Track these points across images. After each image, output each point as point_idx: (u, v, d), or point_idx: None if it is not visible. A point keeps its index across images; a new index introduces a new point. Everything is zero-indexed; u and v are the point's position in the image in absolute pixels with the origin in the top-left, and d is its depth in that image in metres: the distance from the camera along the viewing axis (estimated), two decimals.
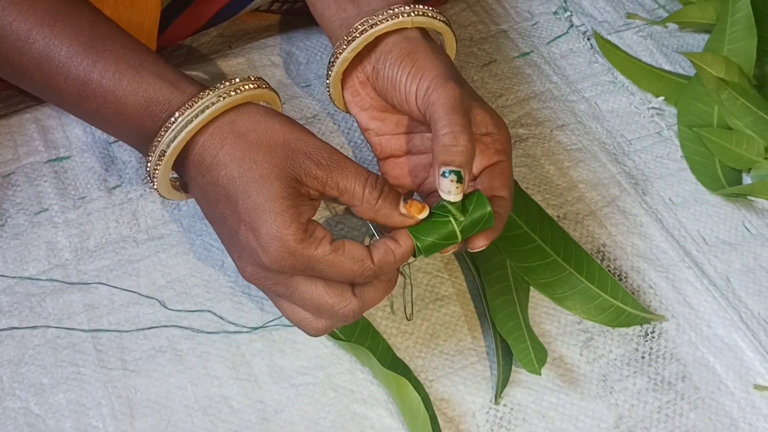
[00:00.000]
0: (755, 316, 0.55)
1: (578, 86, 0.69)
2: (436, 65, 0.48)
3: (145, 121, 0.46)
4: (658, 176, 0.63)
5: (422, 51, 0.49)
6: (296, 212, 0.42)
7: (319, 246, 0.42)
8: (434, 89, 0.47)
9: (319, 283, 0.44)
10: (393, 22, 0.49)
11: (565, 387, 0.51)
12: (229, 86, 0.45)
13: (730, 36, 0.67)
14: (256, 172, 0.43)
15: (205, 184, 0.45)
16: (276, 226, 0.42)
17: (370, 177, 0.45)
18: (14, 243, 0.56)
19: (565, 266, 0.55)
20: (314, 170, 0.43)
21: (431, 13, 0.51)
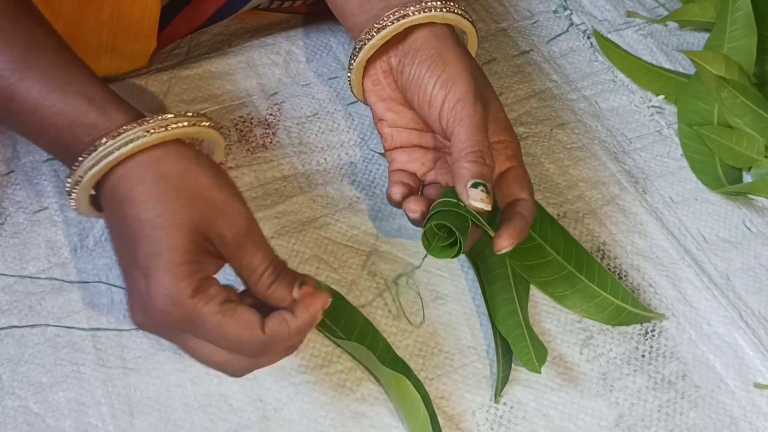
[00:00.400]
0: (755, 314, 0.55)
1: (578, 85, 0.69)
2: (467, 78, 0.49)
3: (69, 141, 0.44)
4: (658, 175, 0.63)
5: (452, 55, 0.50)
6: (194, 267, 0.41)
7: (208, 304, 0.41)
8: (464, 106, 0.48)
9: (206, 344, 0.43)
10: (424, 15, 0.50)
11: (565, 385, 0.51)
12: (160, 121, 0.43)
13: (731, 34, 0.67)
14: (167, 219, 0.41)
15: (114, 217, 0.43)
16: (169, 278, 0.40)
17: (274, 261, 0.44)
18: (14, 241, 0.56)
19: (565, 265, 0.55)
20: (227, 237, 0.42)
21: (459, 10, 0.51)
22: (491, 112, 0.51)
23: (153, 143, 0.43)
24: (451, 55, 0.50)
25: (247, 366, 0.44)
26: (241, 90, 0.66)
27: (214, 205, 0.42)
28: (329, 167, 0.62)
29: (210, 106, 0.64)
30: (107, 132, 0.42)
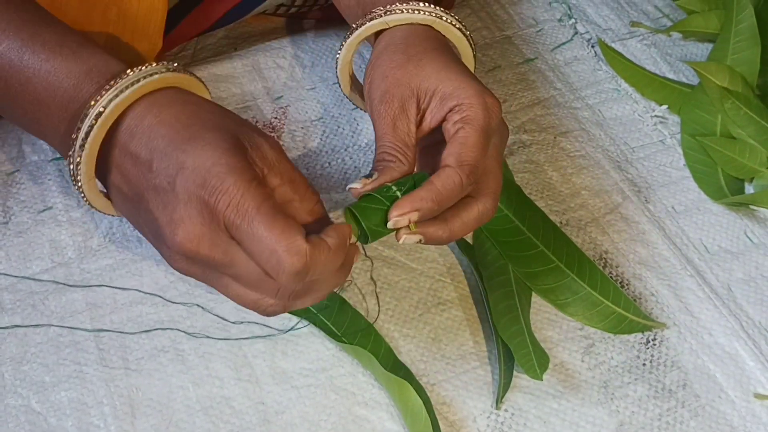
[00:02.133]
0: (756, 325, 0.55)
1: (582, 93, 0.69)
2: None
3: (82, 88, 0.43)
4: (660, 184, 0.63)
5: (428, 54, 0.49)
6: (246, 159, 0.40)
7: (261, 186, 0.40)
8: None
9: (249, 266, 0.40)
10: (405, 15, 0.50)
11: (566, 393, 0.51)
12: (179, 66, 0.44)
13: (734, 46, 0.68)
14: (205, 125, 0.41)
15: (138, 151, 0.42)
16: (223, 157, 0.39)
17: None
18: (18, 241, 0.56)
19: (567, 272, 0.55)
20: (266, 149, 0.42)
21: (447, 17, 0.51)
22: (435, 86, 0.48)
23: (176, 79, 0.44)
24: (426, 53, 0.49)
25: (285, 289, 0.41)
26: (246, 93, 0.66)
27: (244, 122, 0.43)
28: (333, 171, 0.62)
29: None
30: (125, 69, 0.43)
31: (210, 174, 0.39)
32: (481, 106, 0.46)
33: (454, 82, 0.47)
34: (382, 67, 0.49)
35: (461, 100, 0.47)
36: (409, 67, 0.48)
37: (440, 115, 0.48)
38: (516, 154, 0.64)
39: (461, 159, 0.45)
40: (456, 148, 0.45)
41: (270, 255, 0.39)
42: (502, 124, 0.49)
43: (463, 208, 0.46)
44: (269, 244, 0.39)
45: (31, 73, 0.44)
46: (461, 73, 0.48)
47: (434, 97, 0.48)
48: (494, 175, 0.47)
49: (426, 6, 0.51)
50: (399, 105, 0.48)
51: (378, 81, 0.49)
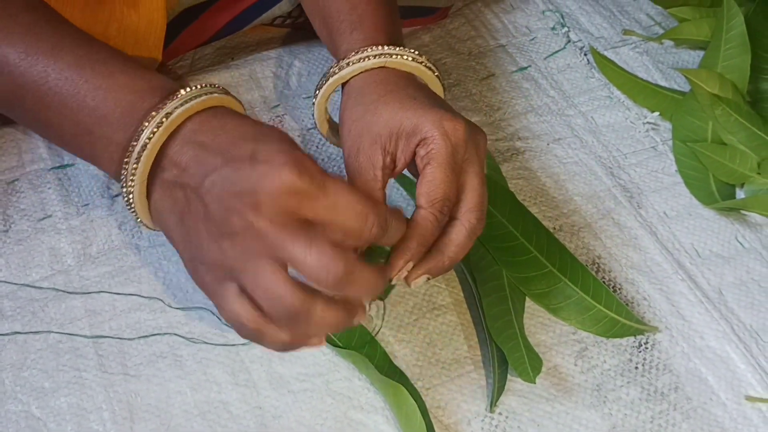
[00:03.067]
0: (747, 328, 0.56)
1: (575, 101, 0.70)
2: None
3: (144, 101, 0.45)
4: (652, 190, 0.64)
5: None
6: None
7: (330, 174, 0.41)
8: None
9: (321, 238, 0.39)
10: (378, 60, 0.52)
11: (559, 396, 0.52)
12: (227, 91, 0.47)
13: (725, 53, 0.69)
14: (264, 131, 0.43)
15: (204, 140, 0.43)
16: (295, 149, 0.40)
17: None
18: (18, 249, 0.57)
19: (560, 277, 0.56)
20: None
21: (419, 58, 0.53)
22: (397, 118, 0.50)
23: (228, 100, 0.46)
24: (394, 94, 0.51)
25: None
26: (243, 102, 0.66)
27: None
28: None
29: None
30: (172, 92, 0.44)
31: (287, 159, 0.39)
32: (442, 137, 0.47)
33: (411, 118, 0.48)
34: (347, 123, 0.51)
35: (423, 135, 0.48)
36: (367, 117, 0.50)
37: (410, 153, 0.49)
38: (509, 161, 0.65)
39: (431, 198, 0.47)
40: (425, 187, 0.47)
41: (357, 213, 0.40)
42: (473, 136, 0.49)
43: (453, 233, 0.48)
44: (357, 204, 0.40)
45: (92, 87, 0.45)
46: (419, 106, 0.49)
47: (400, 138, 0.49)
48: (472, 188, 0.48)
49: (375, 49, 0.52)
50: (366, 159, 0.49)
51: (346, 137, 0.51)
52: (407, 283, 0.48)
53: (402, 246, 0.47)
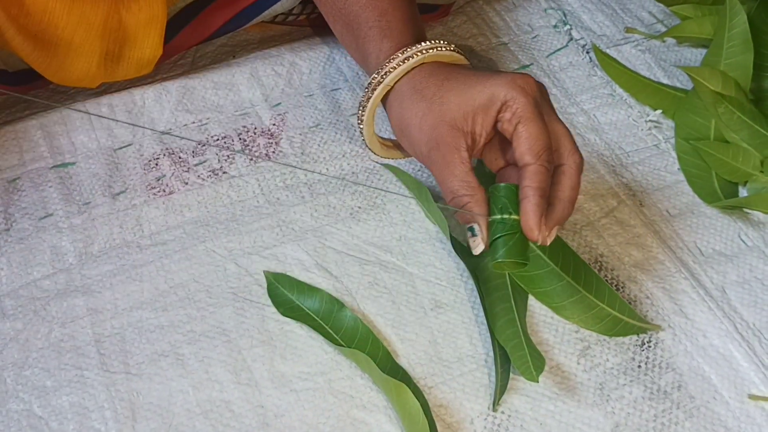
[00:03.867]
0: (750, 326, 0.56)
1: (577, 99, 0.70)
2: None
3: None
4: (655, 188, 0.64)
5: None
6: None
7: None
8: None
9: None
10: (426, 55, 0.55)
11: (562, 395, 0.52)
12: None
13: (727, 51, 0.68)
14: None
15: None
16: None
17: None
18: (19, 247, 0.57)
19: (563, 276, 0.56)
20: None
21: (451, 47, 0.56)
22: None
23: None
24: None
25: None
26: (244, 100, 0.67)
27: None
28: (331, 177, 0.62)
29: (214, 115, 0.65)
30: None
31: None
32: (522, 94, 0.49)
33: (483, 91, 0.50)
34: (413, 121, 0.52)
35: (502, 100, 0.49)
36: (434, 108, 0.51)
37: (490, 124, 0.50)
38: None
39: (534, 151, 0.48)
40: (525, 144, 0.49)
41: None
42: (540, 86, 0.52)
43: (566, 178, 0.50)
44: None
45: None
46: (484, 79, 0.51)
47: (477, 114, 0.50)
48: (562, 133, 0.51)
49: (410, 50, 0.54)
50: (448, 146, 0.50)
51: (417, 135, 0.52)
52: (544, 243, 0.49)
53: (527, 205, 0.48)
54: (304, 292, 0.55)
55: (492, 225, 0.49)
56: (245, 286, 0.55)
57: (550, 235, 0.49)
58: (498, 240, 0.49)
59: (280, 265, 0.57)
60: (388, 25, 0.56)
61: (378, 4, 0.56)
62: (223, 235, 0.58)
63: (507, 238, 0.49)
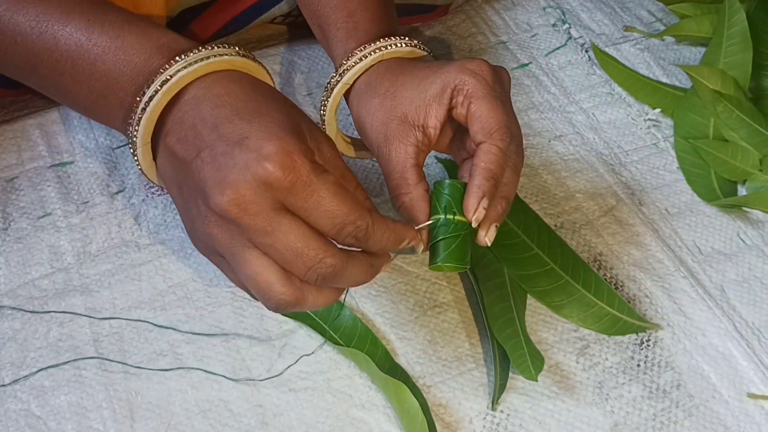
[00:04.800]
0: (749, 325, 0.56)
1: (576, 97, 0.70)
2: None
3: (152, 62, 0.44)
4: (654, 187, 0.64)
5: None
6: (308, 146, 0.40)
7: (325, 172, 0.40)
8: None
9: (305, 225, 0.40)
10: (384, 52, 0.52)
11: (561, 394, 0.52)
12: (249, 53, 0.45)
13: (726, 49, 0.68)
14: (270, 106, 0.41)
15: (203, 113, 0.42)
16: (290, 138, 0.39)
17: None
18: (17, 246, 0.56)
19: (562, 275, 0.56)
20: (324, 143, 0.42)
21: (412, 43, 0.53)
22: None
23: (242, 63, 0.44)
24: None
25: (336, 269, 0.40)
26: None
27: (305, 115, 0.43)
28: None
29: None
30: (196, 47, 0.43)
31: (277, 150, 0.39)
32: (470, 75, 0.47)
33: (435, 81, 0.48)
34: (366, 118, 0.51)
35: (452, 85, 0.48)
36: (386, 103, 0.50)
37: (443, 113, 0.48)
38: None
39: (486, 129, 0.46)
40: (476, 123, 0.47)
41: (334, 224, 0.40)
42: (497, 72, 0.50)
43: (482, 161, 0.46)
44: (336, 215, 0.39)
45: (101, 50, 0.44)
46: (434, 69, 0.49)
47: (429, 107, 0.49)
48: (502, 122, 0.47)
49: (369, 47, 0.52)
50: (394, 141, 0.49)
51: (369, 131, 0.51)
52: (484, 239, 0.46)
53: (470, 185, 0.45)
54: None
55: (433, 226, 0.45)
56: None
57: (487, 236, 0.46)
58: (439, 242, 0.45)
59: None
60: (355, 26, 0.54)
61: (347, 5, 0.55)
62: None
63: (449, 241, 0.45)
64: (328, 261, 0.40)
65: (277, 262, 0.40)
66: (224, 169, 0.39)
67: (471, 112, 0.47)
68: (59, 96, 0.49)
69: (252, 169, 0.38)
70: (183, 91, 0.43)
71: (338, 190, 0.40)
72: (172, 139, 0.43)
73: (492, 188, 0.45)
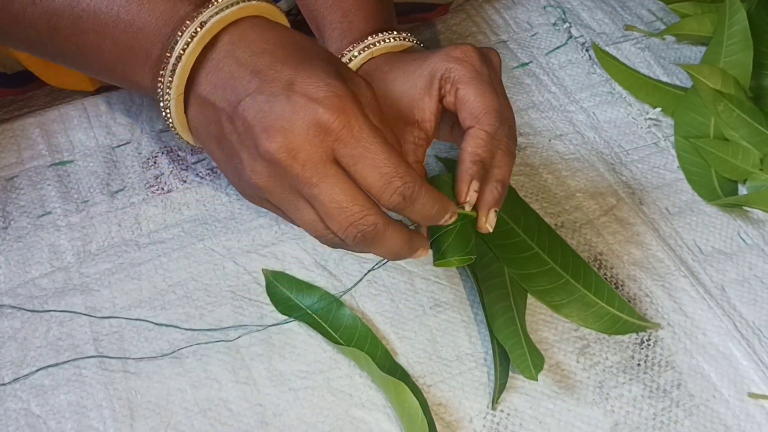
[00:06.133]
0: (750, 325, 0.56)
1: (576, 96, 0.70)
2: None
3: (179, 9, 0.42)
4: (654, 186, 0.63)
5: None
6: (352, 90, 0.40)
7: (373, 122, 0.39)
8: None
9: (350, 181, 0.39)
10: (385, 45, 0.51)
11: (561, 393, 0.52)
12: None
13: (727, 48, 0.68)
14: (311, 52, 0.41)
15: (243, 57, 0.40)
16: (336, 81, 0.39)
17: None
18: (17, 246, 0.56)
19: (562, 274, 0.56)
20: (363, 86, 0.41)
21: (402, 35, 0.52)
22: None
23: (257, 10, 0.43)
24: None
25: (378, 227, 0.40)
26: None
27: (337, 58, 0.43)
28: None
29: None
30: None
31: (327, 93, 0.38)
32: (455, 62, 0.47)
33: (422, 74, 0.48)
34: None
35: (439, 75, 0.47)
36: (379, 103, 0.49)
37: (435, 104, 0.48)
38: None
39: (474, 113, 0.46)
40: (464, 108, 0.46)
41: (382, 174, 0.39)
42: (485, 54, 0.49)
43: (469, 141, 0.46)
44: (385, 165, 0.39)
45: (124, 1, 0.42)
46: (420, 61, 0.49)
47: (420, 101, 0.48)
48: (492, 106, 0.47)
49: (358, 45, 0.51)
50: (390, 139, 0.48)
51: None
52: (485, 226, 0.46)
53: (458, 171, 0.45)
54: (303, 291, 0.55)
55: None
56: (244, 285, 0.55)
57: (488, 222, 0.46)
58: (439, 237, 0.46)
59: (279, 263, 0.57)
60: (349, 26, 0.54)
61: (342, 5, 0.54)
62: (222, 233, 0.58)
63: (448, 233, 0.45)
64: (370, 219, 0.39)
65: (319, 213, 0.40)
66: (271, 115, 0.38)
67: (458, 98, 0.47)
68: (81, 57, 0.46)
69: (302, 113, 0.38)
70: (215, 39, 0.41)
71: (387, 145, 0.39)
72: (208, 88, 0.41)
73: (480, 171, 0.45)
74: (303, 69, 0.39)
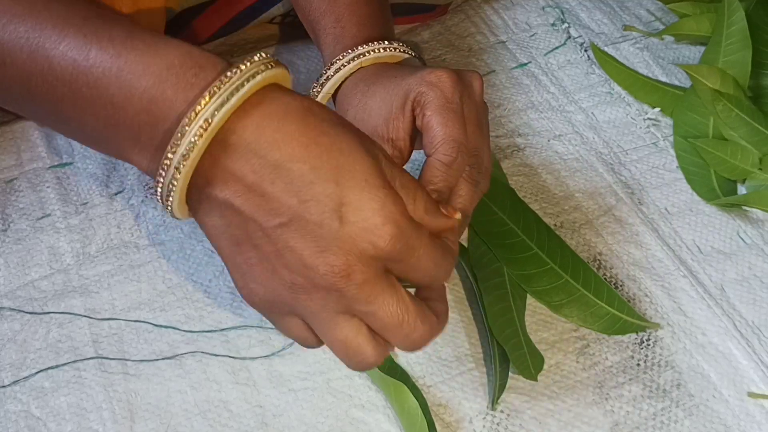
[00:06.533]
0: (749, 324, 0.56)
1: (575, 97, 0.70)
2: None
3: (165, 87, 0.36)
4: (654, 186, 0.64)
5: None
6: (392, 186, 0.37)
7: (420, 226, 0.38)
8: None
9: (402, 290, 0.38)
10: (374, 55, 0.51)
11: (561, 393, 0.52)
12: (273, 59, 0.38)
13: (726, 48, 0.68)
14: (341, 148, 0.36)
15: (263, 167, 0.36)
16: (387, 197, 0.36)
17: None
18: (17, 248, 0.56)
19: (561, 274, 0.56)
20: (385, 157, 0.39)
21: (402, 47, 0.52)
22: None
23: (279, 75, 0.38)
24: None
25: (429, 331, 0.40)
26: None
27: (357, 128, 0.39)
28: None
29: None
30: (225, 68, 0.36)
31: (384, 221, 0.36)
32: (428, 87, 0.46)
33: (398, 94, 0.47)
34: None
35: (412, 98, 0.47)
36: (358, 116, 0.49)
37: (408, 125, 0.47)
38: (510, 157, 0.65)
39: (433, 143, 0.45)
40: (426, 136, 0.46)
41: (429, 272, 0.39)
42: (461, 79, 0.47)
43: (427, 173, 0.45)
44: (433, 269, 0.39)
45: (100, 72, 0.36)
46: (400, 80, 0.48)
47: (396, 119, 0.48)
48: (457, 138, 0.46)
49: (348, 54, 0.51)
50: None
51: None
52: None
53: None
54: None
55: None
56: None
57: None
58: None
59: None
60: (342, 32, 0.53)
61: (335, 10, 0.54)
62: None
63: None
64: (420, 328, 0.39)
65: (374, 328, 0.39)
66: (324, 241, 0.36)
67: (424, 124, 0.46)
68: (62, 127, 0.42)
69: (360, 244, 0.36)
70: (222, 132, 0.36)
71: (433, 245, 0.39)
72: (227, 193, 0.37)
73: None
74: (347, 181, 0.36)
